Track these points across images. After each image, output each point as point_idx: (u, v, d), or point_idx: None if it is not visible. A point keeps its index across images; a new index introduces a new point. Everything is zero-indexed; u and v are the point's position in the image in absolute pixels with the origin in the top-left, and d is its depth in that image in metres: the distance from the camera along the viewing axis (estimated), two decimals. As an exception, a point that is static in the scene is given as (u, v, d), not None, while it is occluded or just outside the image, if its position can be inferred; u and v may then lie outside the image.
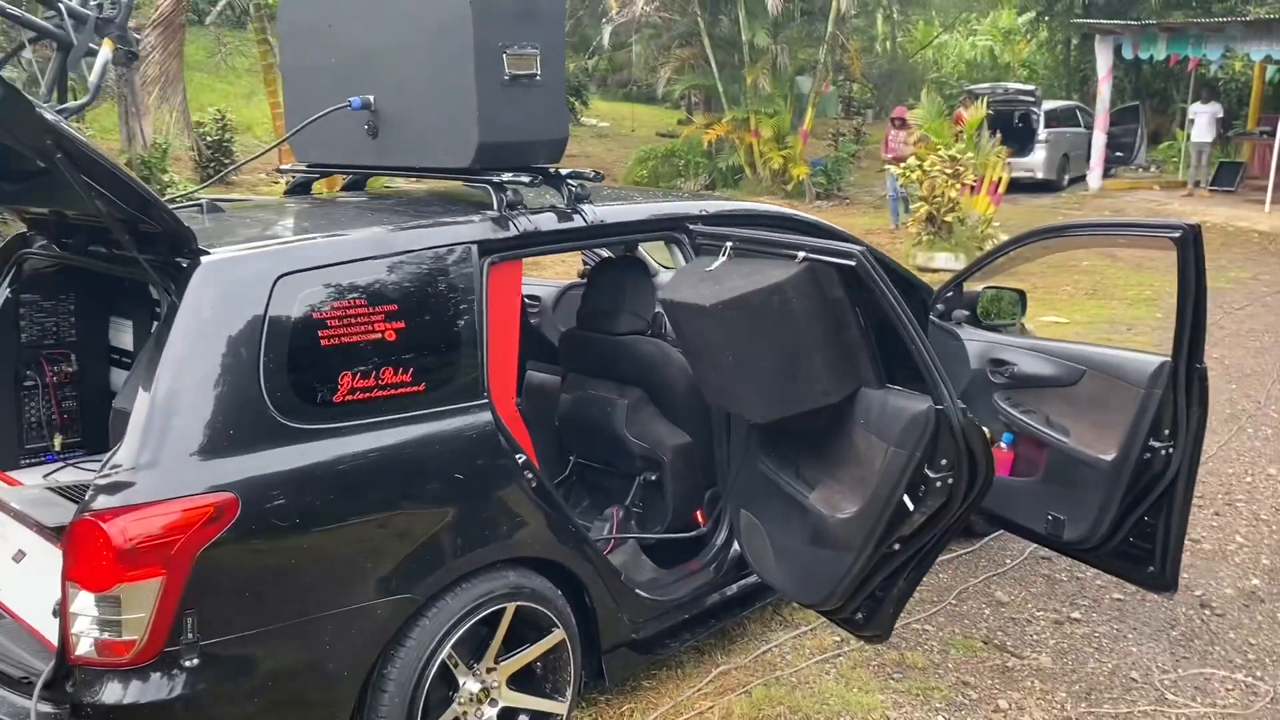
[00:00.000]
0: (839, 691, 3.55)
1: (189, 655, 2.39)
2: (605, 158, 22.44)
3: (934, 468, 2.87)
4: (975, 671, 3.72)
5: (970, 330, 4.34)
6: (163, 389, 2.45)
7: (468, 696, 2.93)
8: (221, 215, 3.20)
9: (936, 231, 12.42)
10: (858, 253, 2.79)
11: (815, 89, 19.72)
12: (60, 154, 2.26)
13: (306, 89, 3.66)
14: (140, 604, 2.33)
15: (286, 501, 2.54)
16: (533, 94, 3.24)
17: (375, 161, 3.53)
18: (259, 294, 2.62)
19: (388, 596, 2.69)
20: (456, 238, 3.02)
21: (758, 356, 3.01)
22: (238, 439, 2.50)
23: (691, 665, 3.71)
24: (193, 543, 2.37)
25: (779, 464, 3.38)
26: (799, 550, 3.31)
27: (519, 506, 2.98)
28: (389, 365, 2.78)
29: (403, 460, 2.75)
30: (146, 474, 2.38)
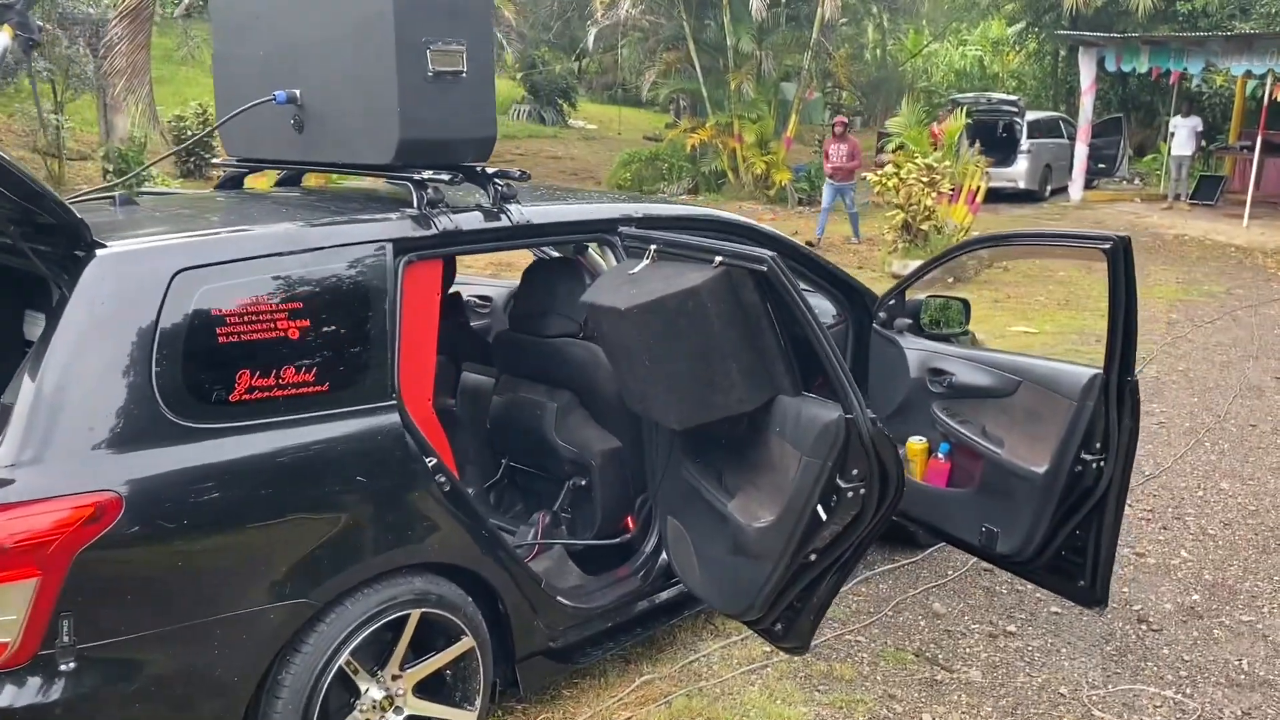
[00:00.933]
0: (761, 703, 3.50)
1: (65, 659, 2.33)
2: (590, 160, 22.41)
3: (845, 478, 2.83)
4: (903, 684, 3.67)
5: (911, 339, 4.30)
6: (47, 384, 2.39)
7: (370, 704, 2.87)
8: (134, 208, 3.13)
9: (912, 239, 12.41)
10: (768, 257, 2.74)
11: (799, 95, 19.72)
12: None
13: (236, 81, 3.61)
14: (12, 605, 2.27)
15: (174, 502, 2.48)
16: (458, 90, 3.18)
17: (301, 156, 3.48)
18: (154, 289, 2.55)
19: (281, 601, 2.63)
20: (369, 235, 2.96)
21: (674, 362, 2.97)
22: (124, 437, 2.44)
23: (616, 674, 3.65)
24: (70, 543, 2.31)
25: (702, 471, 3.33)
26: (721, 559, 3.26)
27: (427, 511, 2.92)
28: (290, 364, 2.72)
29: (301, 462, 2.69)
30: (24, 471, 2.32)
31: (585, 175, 20.47)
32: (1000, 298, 11.03)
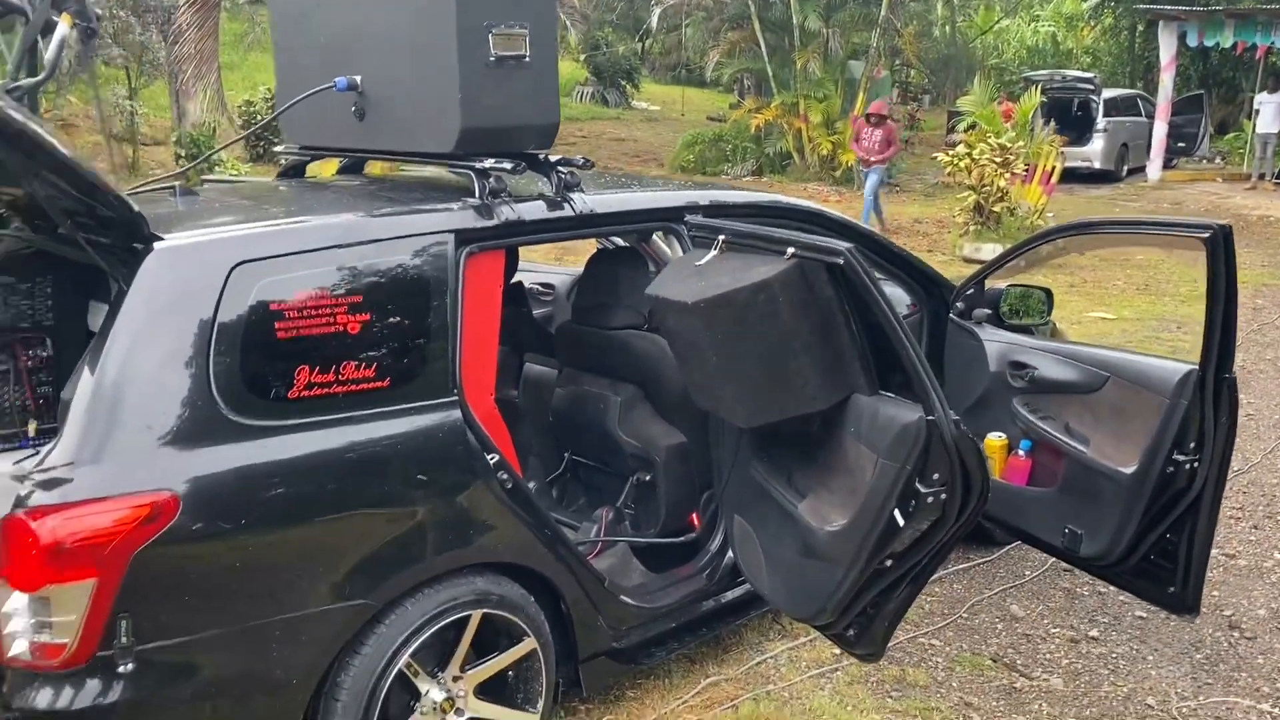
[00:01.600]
0: (831, 709, 3.38)
1: (124, 660, 2.29)
2: (653, 141, 22.26)
3: (925, 482, 2.68)
4: (980, 692, 3.53)
5: (991, 330, 4.13)
6: (105, 380, 2.35)
7: (431, 706, 2.81)
8: (194, 199, 3.09)
9: (984, 222, 12.09)
10: (845, 250, 2.60)
11: (867, 74, 19.29)
12: (-7, 132, 2.15)
13: (297, 69, 3.55)
14: (71, 606, 2.24)
15: (233, 502, 2.43)
16: (521, 76, 3.09)
17: (362, 144, 3.41)
18: (212, 283, 2.50)
19: (341, 602, 2.57)
20: (431, 226, 2.88)
21: (743, 358, 2.84)
22: (182, 435, 2.40)
23: (680, 675, 3.56)
24: (128, 543, 2.27)
25: (770, 470, 3.21)
26: (790, 561, 3.14)
27: (488, 509, 2.85)
28: (351, 360, 2.65)
29: (361, 460, 2.63)
30: (82, 470, 2.28)
31: (648, 157, 20.33)
32: (1076, 282, 10.69)
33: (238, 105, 15.51)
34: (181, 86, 13.52)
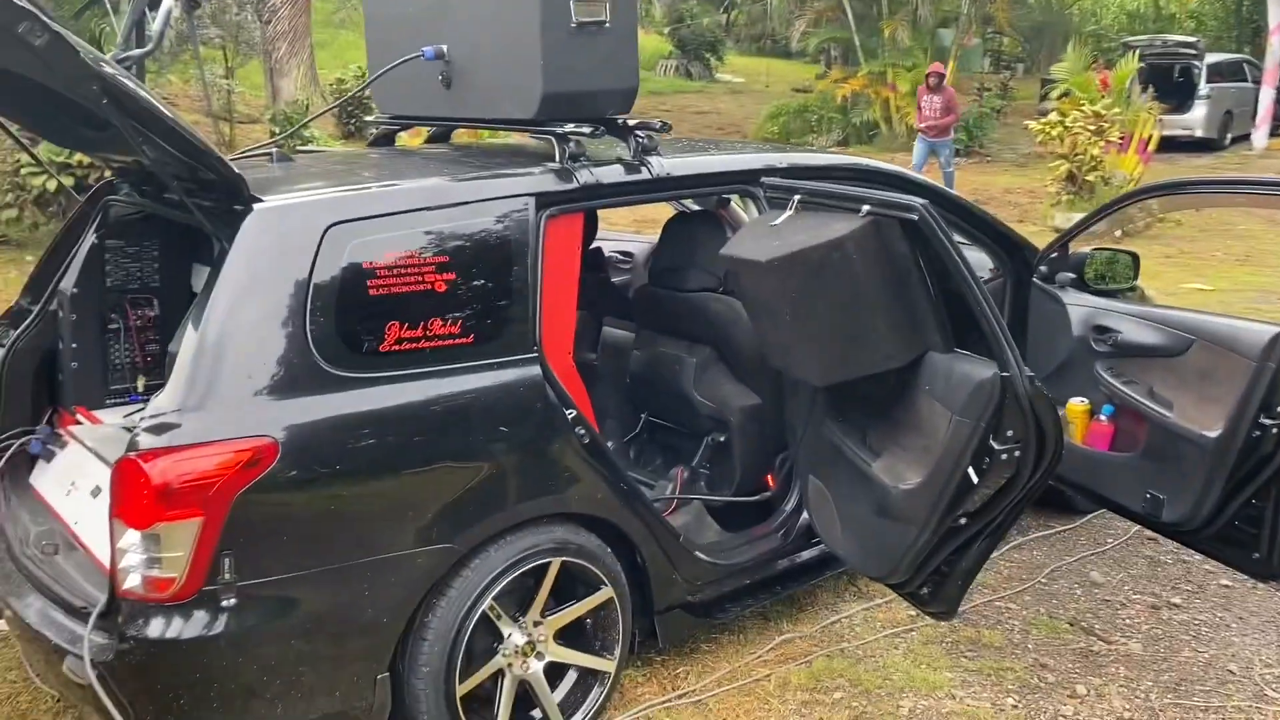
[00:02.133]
0: (905, 667, 3.42)
1: (227, 595, 2.44)
2: (737, 114, 22.14)
3: (999, 439, 2.70)
4: (1056, 654, 3.52)
5: (1075, 294, 4.07)
6: (208, 334, 2.50)
7: (512, 648, 2.93)
8: (290, 164, 3.24)
9: (1077, 191, 11.81)
10: (920, 205, 2.62)
11: (957, 41, 18.93)
12: (106, 99, 2.30)
13: (387, 39, 3.66)
14: (179, 543, 2.39)
15: (327, 448, 2.57)
16: (601, 41, 3.16)
17: (449, 113, 3.51)
18: (308, 242, 2.63)
19: (428, 546, 2.70)
20: (512, 189, 2.97)
21: (816, 316, 2.88)
22: (281, 385, 2.54)
23: (755, 631, 3.63)
24: (230, 486, 2.41)
25: (845, 429, 3.24)
26: (865, 520, 3.18)
27: (566, 461, 2.94)
28: (437, 316, 2.77)
29: (446, 411, 2.74)
30: (188, 417, 2.43)
31: (731, 129, 20.24)
32: (1173, 253, 10.39)
33: (329, 83, 15.87)
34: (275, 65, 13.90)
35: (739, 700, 3.25)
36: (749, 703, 3.23)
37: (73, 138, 3.20)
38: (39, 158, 5.81)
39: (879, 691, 3.29)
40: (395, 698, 2.75)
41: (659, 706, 3.21)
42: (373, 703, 2.70)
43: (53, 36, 2.16)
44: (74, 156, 7.61)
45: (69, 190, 7.51)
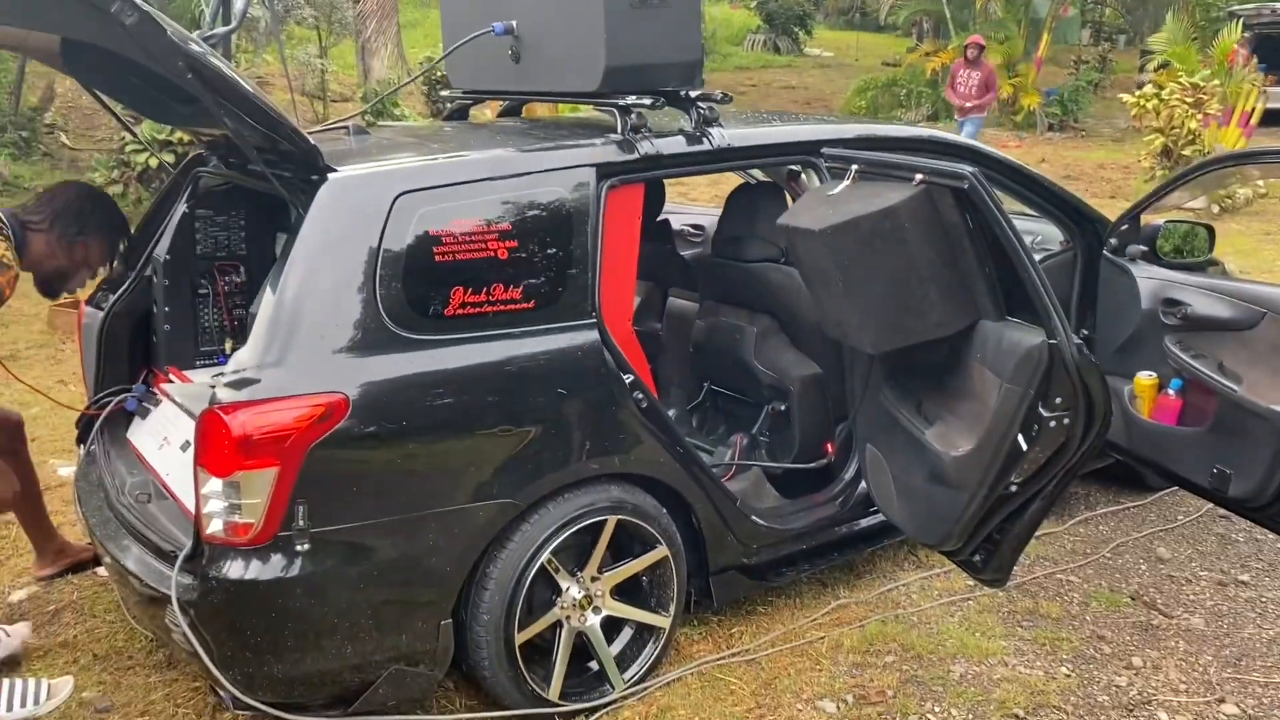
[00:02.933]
0: (959, 634, 3.45)
1: (301, 540, 2.61)
2: (824, 89, 21.91)
3: (1048, 406, 2.72)
4: (1114, 626, 3.52)
5: (1145, 267, 4.02)
6: (285, 296, 2.65)
7: (570, 601, 3.05)
8: (365, 137, 3.38)
9: (1173, 166, 11.45)
10: (969, 173, 2.64)
11: (1052, 12, 18.41)
12: (191, 74, 2.46)
13: (461, 15, 3.78)
14: (257, 491, 2.56)
15: (395, 405, 2.71)
16: (664, 14, 3.23)
17: (517, 86, 3.62)
18: (378, 210, 2.77)
19: (490, 500, 2.82)
20: (574, 160, 3.07)
21: (869, 284, 2.92)
22: (352, 344, 2.68)
23: (811, 596, 3.70)
24: (305, 438, 2.57)
25: (900, 397, 3.28)
26: (918, 488, 3.22)
27: (623, 423, 3.04)
28: (500, 282, 2.89)
29: (509, 372, 2.86)
30: (266, 372, 2.59)
31: (819, 104, 20.06)
32: (1273, 229, 10.04)
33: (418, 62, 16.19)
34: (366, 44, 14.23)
35: (791, 660, 3.32)
36: (801, 662, 3.31)
37: (167, 113, 3.39)
38: (140, 136, 6.10)
39: (930, 656, 3.34)
40: (458, 643, 2.90)
41: (713, 663, 3.30)
42: (436, 647, 2.85)
43: (142, 15, 2.32)
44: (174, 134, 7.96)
45: (168, 166, 7.88)
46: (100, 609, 3.65)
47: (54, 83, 13.27)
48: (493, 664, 2.92)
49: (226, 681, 2.67)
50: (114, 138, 11.41)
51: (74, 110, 13.85)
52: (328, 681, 2.77)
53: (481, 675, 2.95)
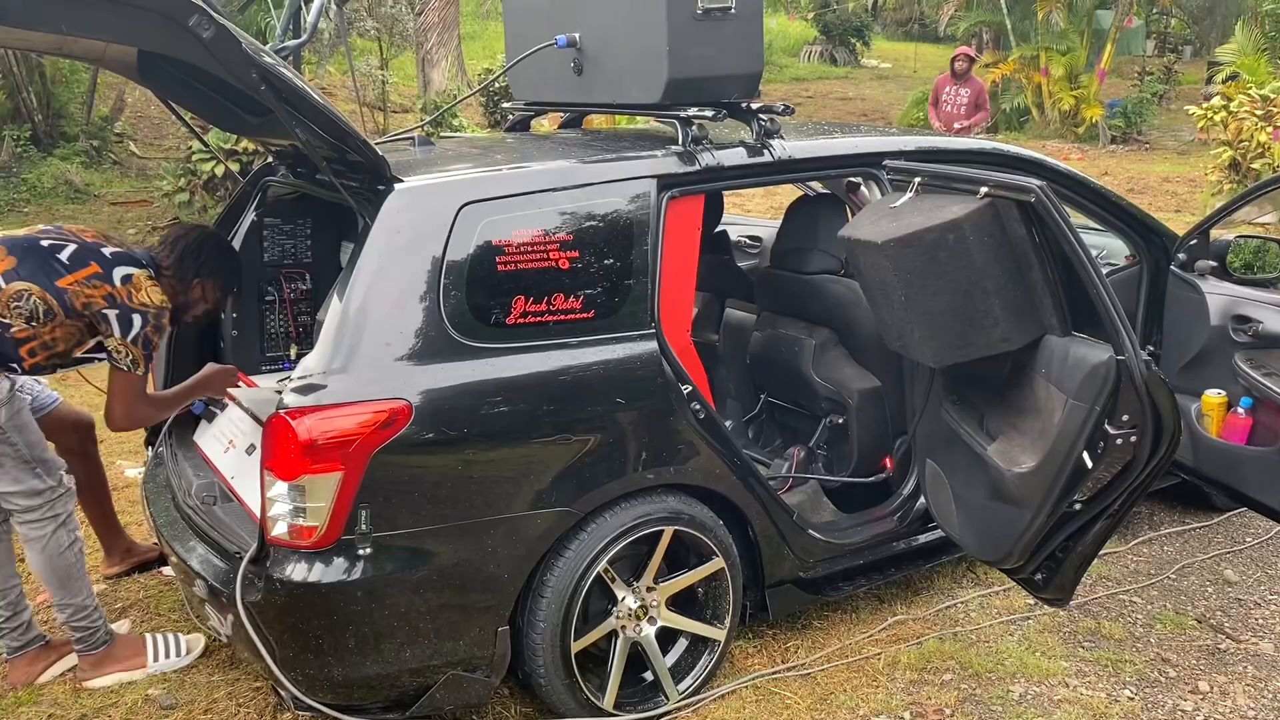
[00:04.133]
0: (1018, 654, 3.40)
1: (363, 545, 2.65)
2: (881, 100, 21.74)
3: (1115, 424, 2.67)
4: (1179, 650, 3.44)
5: (1215, 283, 3.94)
6: (351, 303, 2.70)
7: (626, 611, 3.06)
8: (430, 148, 3.43)
9: (1241, 180, 11.19)
10: (1036, 187, 2.61)
11: (1117, 23, 18.11)
12: (265, 86, 2.52)
13: (523, 28, 3.83)
14: (321, 494, 2.60)
15: (457, 412, 2.74)
16: (726, 27, 3.24)
17: (580, 99, 3.65)
18: (443, 220, 2.81)
19: (548, 508, 2.84)
20: (635, 171, 3.09)
21: (932, 297, 2.90)
22: (415, 352, 2.72)
23: (868, 611, 3.66)
24: (368, 443, 2.61)
25: (961, 412, 3.25)
26: (979, 504, 3.18)
27: (681, 434, 3.04)
28: (561, 292, 2.91)
29: (568, 381, 2.88)
30: (331, 379, 2.64)
31: (875, 115, 19.90)
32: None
33: (477, 73, 16.36)
34: (426, 56, 14.43)
35: (847, 676, 3.30)
36: (857, 679, 3.28)
37: (236, 123, 3.47)
38: (208, 143, 6.24)
39: (990, 675, 3.29)
40: (514, 650, 2.92)
41: (767, 677, 3.28)
42: (493, 653, 2.87)
43: (219, 29, 2.38)
44: (239, 143, 8.12)
45: (234, 174, 8.04)
46: (165, 607, 3.73)
47: (124, 93, 13.63)
48: (548, 672, 2.93)
49: (288, 682, 2.72)
50: (181, 146, 11.67)
51: (143, 119, 14.21)
52: (386, 685, 2.80)
53: (537, 683, 2.97)
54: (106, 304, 3.00)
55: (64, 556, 3.17)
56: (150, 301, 3.05)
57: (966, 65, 10.01)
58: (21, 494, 3.08)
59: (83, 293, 2.99)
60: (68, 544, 3.18)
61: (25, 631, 3.30)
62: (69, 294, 2.98)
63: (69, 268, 3.01)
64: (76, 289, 2.99)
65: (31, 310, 2.95)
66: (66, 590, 3.20)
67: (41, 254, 3.01)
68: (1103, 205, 4.08)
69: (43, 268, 2.99)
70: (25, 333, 2.97)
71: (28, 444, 3.06)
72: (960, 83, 10.06)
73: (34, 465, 3.07)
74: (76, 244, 3.08)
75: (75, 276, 3.00)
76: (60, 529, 3.15)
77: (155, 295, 3.08)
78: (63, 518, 3.16)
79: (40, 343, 3.01)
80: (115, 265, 3.06)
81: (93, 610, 3.27)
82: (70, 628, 3.25)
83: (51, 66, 12.13)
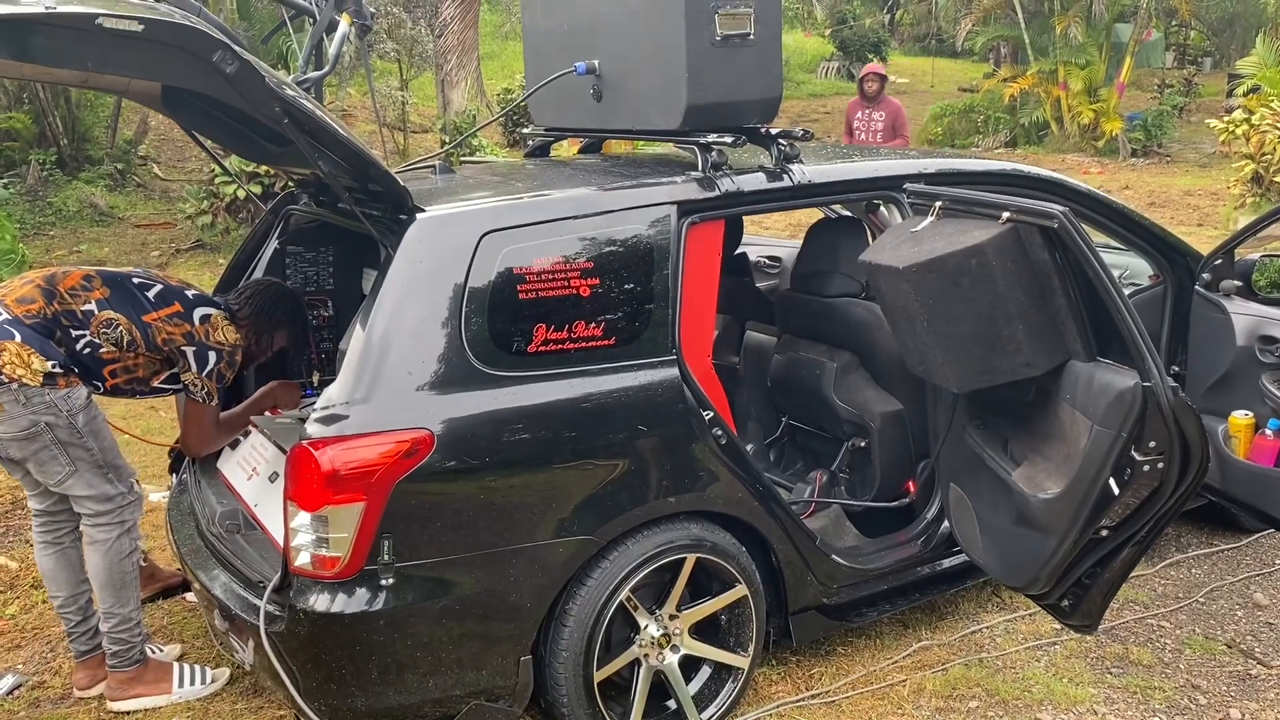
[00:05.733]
0: (1045, 680, 3.36)
1: (386, 575, 2.65)
2: (900, 116, 21.70)
3: (1141, 450, 2.65)
4: (1210, 676, 3.40)
5: (1240, 303, 3.91)
6: (374, 332, 2.70)
7: (649, 639, 3.04)
8: (451, 175, 3.45)
9: (1264, 193, 11.11)
10: (1059, 212, 2.59)
11: (1135, 36, 18.05)
12: (287, 119, 2.54)
13: (543, 54, 3.84)
14: (344, 525, 2.60)
15: (479, 441, 2.74)
16: (745, 53, 3.25)
17: (599, 125, 3.66)
18: (465, 249, 2.81)
19: (570, 536, 2.84)
20: (655, 198, 3.09)
21: (954, 323, 2.88)
22: (437, 381, 2.72)
23: (892, 637, 3.63)
24: (391, 474, 2.61)
25: (986, 437, 3.22)
26: (1005, 529, 3.15)
27: (703, 461, 3.03)
28: (582, 319, 2.91)
29: (590, 409, 2.88)
30: (354, 409, 2.64)
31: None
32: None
33: (496, 94, 16.47)
34: (446, 77, 14.52)
35: (872, 703, 3.27)
36: (882, 706, 3.25)
37: (259, 152, 3.50)
38: (229, 169, 6.29)
39: (1016, 702, 3.26)
40: (537, 680, 2.91)
41: (791, 705, 3.26)
42: (516, 683, 2.86)
43: (242, 64, 2.41)
44: (260, 167, 8.21)
45: (255, 198, 8.11)
46: (189, 634, 3.74)
47: (147, 117, 13.79)
48: (571, 701, 2.92)
49: (311, 712, 2.72)
50: (203, 169, 11.78)
51: (166, 143, 14.37)
52: (409, 714, 2.80)
53: (560, 712, 2.95)
54: (185, 341, 3.22)
55: (123, 564, 3.24)
56: (226, 340, 3.28)
57: (878, 86, 8.54)
58: (94, 498, 3.17)
59: (164, 329, 3.20)
60: (128, 551, 3.25)
61: (93, 636, 3.38)
62: (153, 329, 3.20)
63: (155, 305, 3.23)
64: (159, 325, 3.21)
65: (118, 338, 3.15)
66: (119, 599, 3.24)
67: (131, 290, 3.23)
68: (1125, 225, 4.06)
69: (131, 301, 3.20)
70: (112, 354, 3.16)
71: (102, 449, 3.16)
72: (873, 106, 8.56)
73: (107, 471, 3.17)
74: (162, 285, 3.32)
75: (160, 314, 3.22)
76: (125, 535, 3.23)
77: (230, 334, 3.30)
78: (129, 525, 3.25)
79: (123, 365, 3.21)
80: (196, 306, 3.29)
81: (135, 625, 3.30)
82: (111, 639, 3.28)
83: (77, 92, 12.28)
